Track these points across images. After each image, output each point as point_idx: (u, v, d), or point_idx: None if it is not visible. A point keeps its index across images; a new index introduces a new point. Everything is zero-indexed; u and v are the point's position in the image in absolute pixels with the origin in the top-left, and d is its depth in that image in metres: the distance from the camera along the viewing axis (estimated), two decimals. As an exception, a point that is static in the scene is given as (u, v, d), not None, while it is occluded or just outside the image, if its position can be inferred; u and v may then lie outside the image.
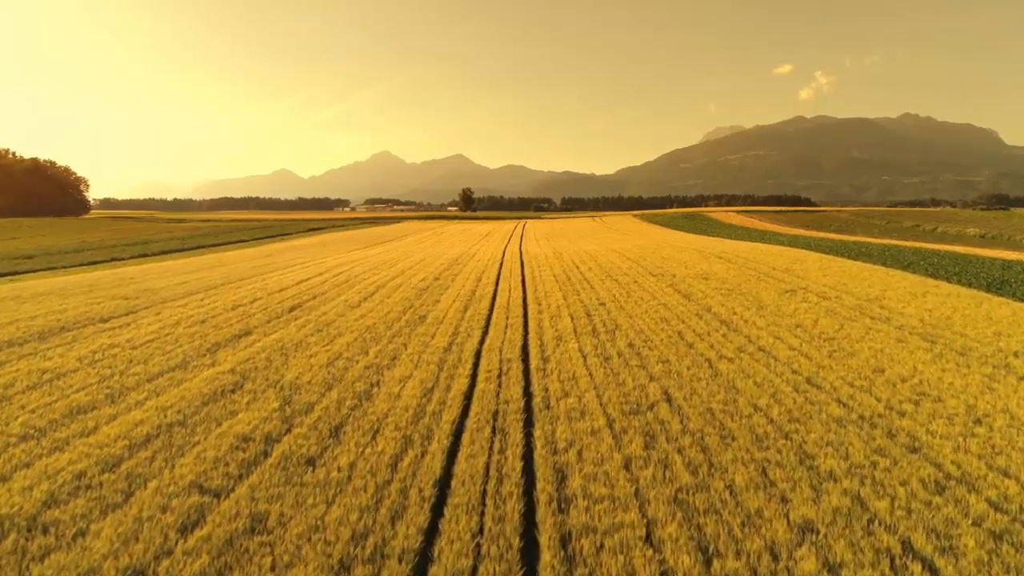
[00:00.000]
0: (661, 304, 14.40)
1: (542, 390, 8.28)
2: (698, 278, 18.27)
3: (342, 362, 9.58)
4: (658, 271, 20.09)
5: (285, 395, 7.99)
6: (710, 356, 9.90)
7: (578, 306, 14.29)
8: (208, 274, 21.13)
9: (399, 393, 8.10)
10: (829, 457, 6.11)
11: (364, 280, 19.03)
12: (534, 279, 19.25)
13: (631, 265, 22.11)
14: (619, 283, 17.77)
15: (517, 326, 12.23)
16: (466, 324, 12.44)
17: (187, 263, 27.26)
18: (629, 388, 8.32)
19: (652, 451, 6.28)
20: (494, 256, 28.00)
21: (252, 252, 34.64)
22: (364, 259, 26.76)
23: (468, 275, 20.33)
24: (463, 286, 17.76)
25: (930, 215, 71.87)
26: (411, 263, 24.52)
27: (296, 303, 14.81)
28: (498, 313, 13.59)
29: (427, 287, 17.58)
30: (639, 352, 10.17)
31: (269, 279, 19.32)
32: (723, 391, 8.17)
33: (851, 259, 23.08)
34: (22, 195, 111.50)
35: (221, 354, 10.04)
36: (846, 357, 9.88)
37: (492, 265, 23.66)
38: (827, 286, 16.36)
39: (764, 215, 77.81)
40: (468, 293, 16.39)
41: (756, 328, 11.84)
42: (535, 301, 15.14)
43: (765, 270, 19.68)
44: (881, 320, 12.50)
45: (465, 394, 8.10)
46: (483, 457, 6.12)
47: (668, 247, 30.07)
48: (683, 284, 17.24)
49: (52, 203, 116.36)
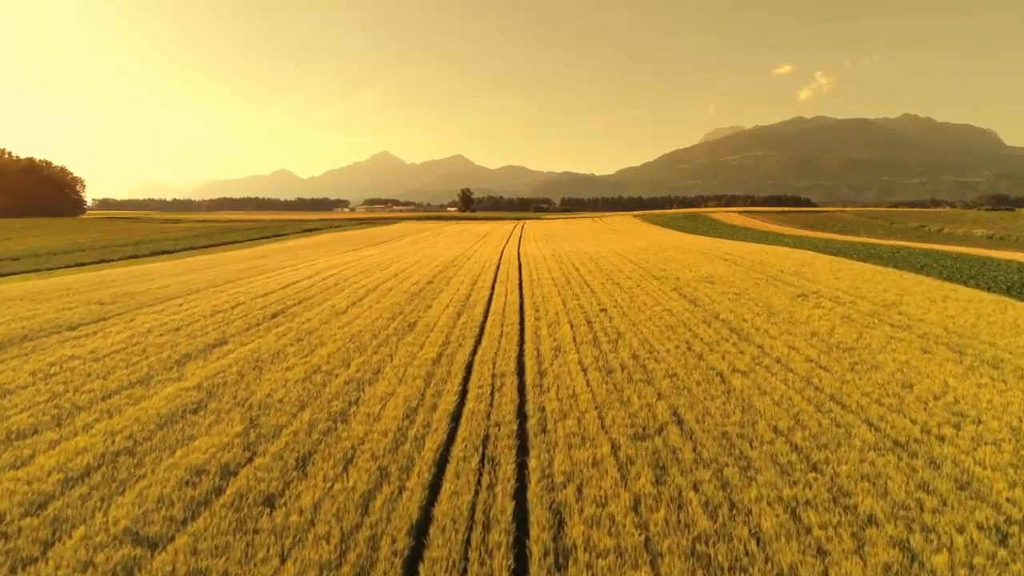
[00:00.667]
0: (666, 310, 13.60)
1: (538, 410, 7.47)
2: (703, 281, 17.46)
3: (320, 376, 8.77)
4: (661, 274, 19.28)
5: (252, 416, 7.18)
6: (721, 369, 9.10)
7: (578, 312, 13.48)
8: (194, 277, 20.32)
9: (379, 414, 7.29)
10: (867, 495, 5.30)
11: (354, 283, 18.22)
12: (532, 283, 18.44)
13: (633, 268, 21.31)
14: (621, 287, 16.97)
15: (513, 335, 11.42)
16: (458, 332, 11.63)
17: (175, 265, 26.45)
18: (635, 407, 7.51)
19: (663, 487, 5.47)
20: (491, 258, 27.20)
21: (245, 253, 33.83)
22: (357, 261, 25.95)
23: (463, 278, 19.52)
24: (457, 290, 16.96)
25: (934, 215, 71.07)
26: (405, 265, 23.71)
27: (280, 309, 14.00)
28: (493, 320, 12.78)
29: (420, 291, 16.77)
30: (644, 365, 9.37)
31: (256, 282, 18.50)
32: (739, 411, 7.36)
33: (861, 261, 22.28)
34: (18, 195, 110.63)
35: (190, 367, 9.23)
36: (869, 370, 9.07)
37: (489, 268, 22.86)
38: (840, 290, 15.55)
39: (766, 215, 76.97)
40: (462, 298, 15.58)
41: (769, 337, 11.04)
42: (532, 307, 14.33)
43: (773, 273, 18.88)
44: (902, 328, 11.70)
45: (452, 415, 7.29)
46: (468, 495, 5.30)
47: (670, 248, 29.27)
48: (688, 288, 16.43)
49: (48, 203, 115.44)
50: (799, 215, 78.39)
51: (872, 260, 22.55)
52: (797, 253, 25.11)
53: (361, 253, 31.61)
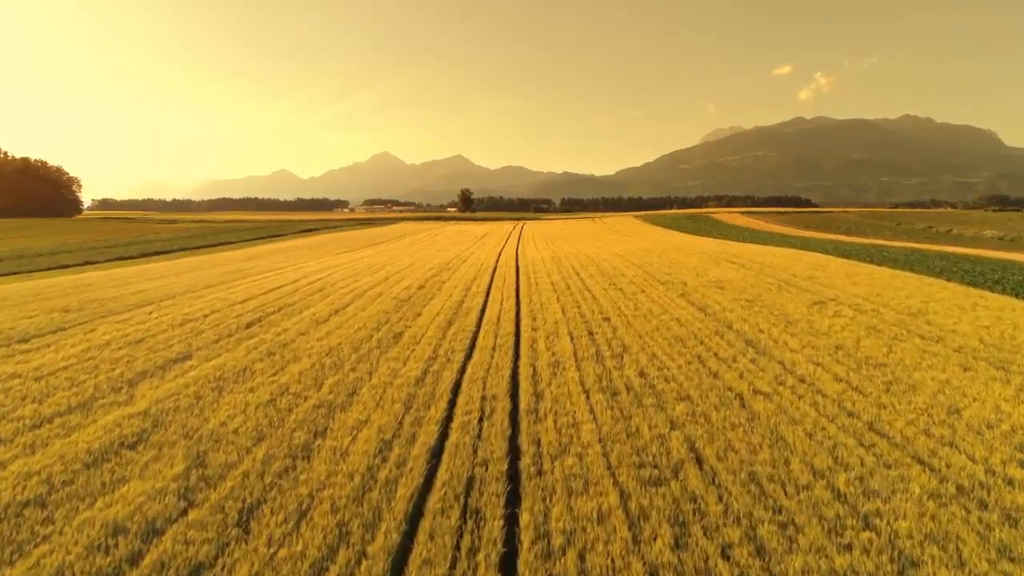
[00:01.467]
0: (674, 319, 12.56)
1: (532, 443, 6.43)
2: (712, 286, 16.42)
3: (287, 400, 7.73)
4: (666, 278, 18.24)
5: (198, 452, 6.14)
6: (741, 390, 8.06)
7: (578, 322, 12.44)
8: (174, 281, 19.27)
9: (347, 448, 6.25)
10: (940, 565, 4.27)
11: (341, 289, 17.18)
12: (530, 288, 17.40)
13: (636, 271, 20.26)
14: (624, 293, 15.93)
15: (507, 348, 10.38)
16: (447, 345, 10.58)
17: (160, 267, 25.41)
18: (645, 439, 6.48)
19: (685, 553, 4.43)
20: (488, 261, 26.15)
21: (234, 255, 32.79)
22: (348, 263, 24.90)
23: (457, 283, 18.48)
24: (450, 296, 15.92)
25: (942, 216, 70.03)
26: (397, 268, 22.67)
27: (257, 317, 12.96)
28: (486, 331, 11.74)
29: (410, 297, 15.73)
30: (653, 385, 8.33)
31: (237, 287, 17.46)
32: (767, 445, 6.33)
33: (876, 265, 21.25)
34: (13, 195, 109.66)
35: (141, 388, 8.19)
36: (908, 392, 8.04)
37: (484, 271, 21.82)
38: (860, 297, 14.51)
39: (769, 216, 75.89)
40: (455, 304, 14.54)
41: (790, 351, 10.00)
42: (529, 315, 13.29)
43: (785, 277, 17.84)
44: (933, 340, 10.66)
45: (433, 450, 6.26)
46: (443, 567, 4.26)
47: (674, 250, 28.23)
48: (696, 294, 15.39)
49: (45, 203, 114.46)
50: (802, 215, 77.32)
51: (887, 264, 21.52)
52: (808, 256, 24.06)
53: (354, 255, 30.56)
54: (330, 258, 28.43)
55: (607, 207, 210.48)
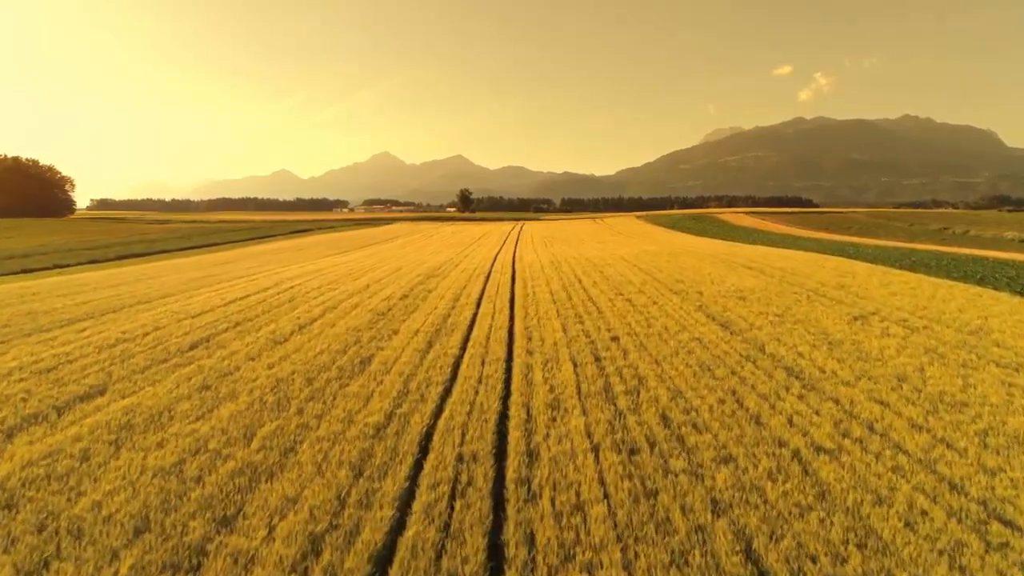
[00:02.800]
0: (694, 339, 10.67)
1: (524, 542, 4.54)
2: (732, 297, 14.54)
3: (199, 462, 5.84)
4: (679, 287, 16.35)
5: (40, 558, 4.25)
6: (797, 446, 6.17)
7: (582, 343, 10.54)
8: (130, 289, 17.37)
9: (256, 552, 4.36)
10: None
11: (313, 299, 15.28)
12: (526, 298, 15.50)
13: (644, 278, 18.36)
14: (633, 305, 14.03)
15: (496, 380, 8.49)
16: (423, 375, 8.69)
17: (129, 272, 23.51)
18: (681, 535, 4.59)
19: None
20: (482, 265, 24.23)
21: (213, 259, 30.90)
22: (330, 268, 22.98)
23: (445, 292, 16.58)
24: (435, 307, 14.02)
25: (955, 217, 68.09)
26: (382, 273, 20.75)
27: (205, 336, 11.06)
28: (472, 355, 9.84)
29: (389, 309, 13.83)
30: (682, 437, 6.44)
31: (196, 298, 15.56)
32: (852, 543, 4.45)
33: (906, 270, 19.37)
34: (2, 195, 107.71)
35: (17, 442, 6.29)
36: (1012, 446, 6.17)
37: (477, 277, 19.91)
38: (904, 310, 12.63)
39: (775, 216, 73.87)
40: (439, 319, 12.65)
41: (843, 384, 8.11)
42: (524, 333, 11.38)
43: (812, 286, 15.95)
44: (1012, 368, 8.79)
45: (378, 558, 4.36)
46: None
47: (683, 254, 26.34)
48: (716, 306, 13.51)
49: (36, 203, 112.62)
50: (809, 216, 75.30)
51: (919, 269, 19.63)
52: (830, 260, 22.17)
53: (340, 258, 28.64)
54: (313, 262, 26.51)
55: (607, 207, 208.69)
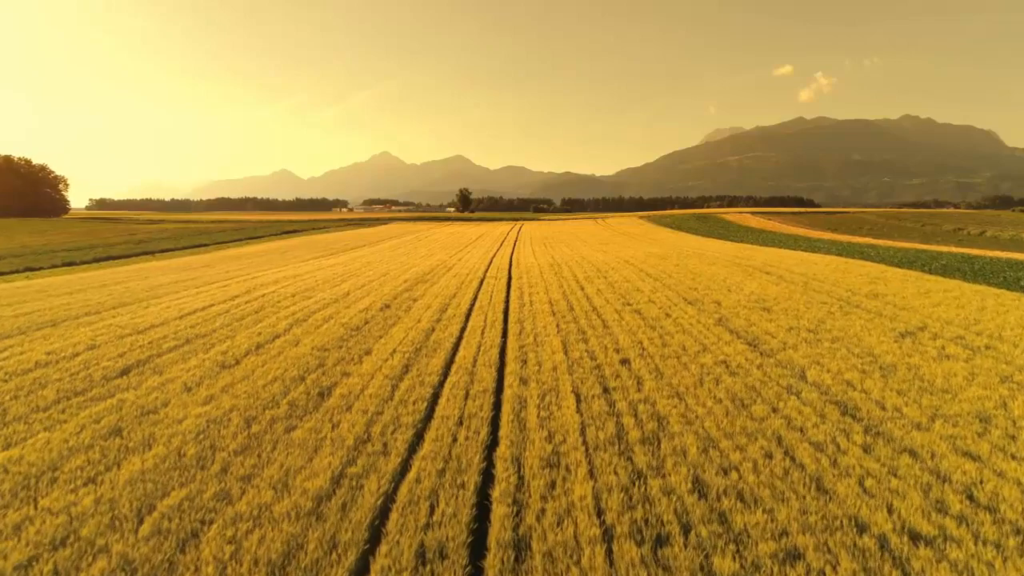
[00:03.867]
0: (719, 361, 8.99)
1: None
2: (755, 308, 12.86)
3: (59, 559, 4.16)
4: (694, 295, 14.67)
5: None
6: (883, 531, 4.50)
7: (587, 368, 8.86)
8: (83, 298, 15.71)
9: None
10: None
11: (282, 310, 13.60)
12: (522, 309, 13.82)
13: (654, 285, 16.68)
14: (644, 318, 12.34)
15: (480, 422, 6.81)
16: (390, 415, 7.01)
17: (94, 276, 21.85)
18: None
19: None
20: (476, 269, 22.53)
21: (190, 261, 29.23)
22: (311, 273, 21.29)
23: (432, 301, 14.89)
24: (419, 321, 12.34)
25: (968, 217, 66.28)
26: (366, 279, 19.06)
27: (141, 358, 9.39)
28: (453, 386, 8.15)
29: (366, 322, 12.16)
30: (725, 516, 4.76)
31: (152, 308, 13.88)
32: None
33: (937, 275, 17.70)
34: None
35: None
36: None
37: (470, 284, 18.22)
38: (956, 325, 10.95)
39: (783, 217, 71.98)
40: (420, 336, 10.96)
41: (915, 428, 6.44)
42: (518, 355, 9.70)
43: (842, 294, 14.28)
44: (1117, 404, 7.11)
45: None
46: None
47: (692, 256, 24.66)
48: (738, 319, 11.83)
49: (27, 203, 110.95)
50: (818, 216, 73.41)
51: (953, 275, 17.96)
52: (853, 264, 20.49)
53: (325, 261, 26.93)
54: (295, 265, 24.80)
55: (608, 207, 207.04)
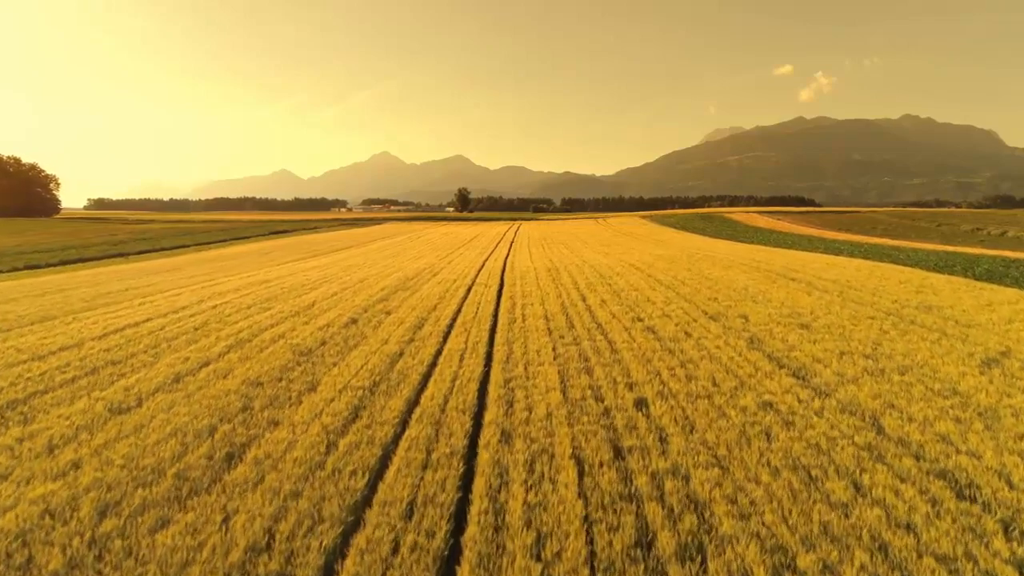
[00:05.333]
0: (764, 404, 6.83)
1: None
2: (790, 325, 10.71)
3: None
4: (714, 308, 12.52)
5: None
6: None
7: (592, 415, 6.70)
8: (9, 308, 13.56)
9: None
10: None
11: (229, 326, 11.44)
12: (512, 325, 11.65)
13: (667, 294, 14.52)
14: (659, 337, 10.18)
15: (438, 514, 4.64)
16: (310, 501, 4.85)
17: (43, 282, 19.72)
18: None
19: None
20: (465, 274, 20.34)
21: (158, 264, 27.07)
22: (281, 279, 19.12)
23: (408, 314, 12.73)
24: (386, 341, 10.17)
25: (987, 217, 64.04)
26: (340, 286, 16.90)
27: (16, 398, 7.24)
28: (411, 445, 5.98)
29: (322, 343, 10.00)
30: None
31: (74, 324, 11.72)
32: None
33: (989, 283, 15.56)
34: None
35: None
36: None
37: (455, 292, 16.05)
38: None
39: (792, 216, 69.74)
40: (384, 364, 8.80)
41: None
42: (502, 396, 7.51)
43: (888, 306, 12.13)
44: None
45: None
46: None
47: (704, 259, 22.51)
48: (773, 340, 9.68)
49: (17, 202, 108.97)
50: (826, 216, 71.01)
51: (1003, 281, 15.83)
52: (889, 270, 18.33)
53: (303, 264, 24.75)
54: (268, 269, 22.63)
55: (608, 207, 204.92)
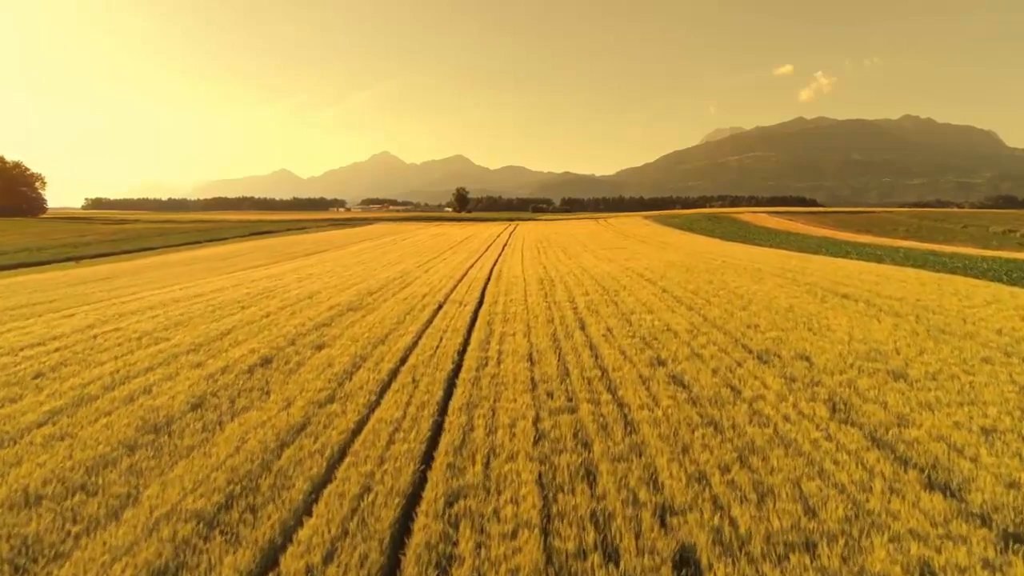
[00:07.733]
0: (917, 564, 3.60)
1: None
2: (880, 375, 7.46)
3: None
4: (761, 341, 9.26)
5: None
6: None
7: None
8: None
9: None
10: None
11: (80, 374, 8.18)
12: (480, 374, 8.37)
13: (692, 320, 11.23)
14: (694, 401, 6.90)
15: None
16: None
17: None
18: None
19: None
20: (439, 287, 16.99)
21: (94, 271, 23.85)
22: (216, 292, 15.80)
23: (342, 352, 9.44)
24: (287, 406, 6.93)
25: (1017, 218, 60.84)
26: (279, 304, 13.60)
27: None
28: None
29: (191, 408, 6.75)
30: None
31: None
32: None
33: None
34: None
35: None
36: None
37: (419, 313, 12.74)
38: None
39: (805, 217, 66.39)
40: (256, 459, 5.56)
41: None
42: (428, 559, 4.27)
43: (1003, 343, 8.89)
44: None
45: None
46: None
47: (725, 268, 19.27)
48: (868, 408, 6.43)
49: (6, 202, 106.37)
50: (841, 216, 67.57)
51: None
52: (960, 285, 15.05)
53: (257, 272, 21.49)
54: (210, 280, 19.35)
55: (608, 207, 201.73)
